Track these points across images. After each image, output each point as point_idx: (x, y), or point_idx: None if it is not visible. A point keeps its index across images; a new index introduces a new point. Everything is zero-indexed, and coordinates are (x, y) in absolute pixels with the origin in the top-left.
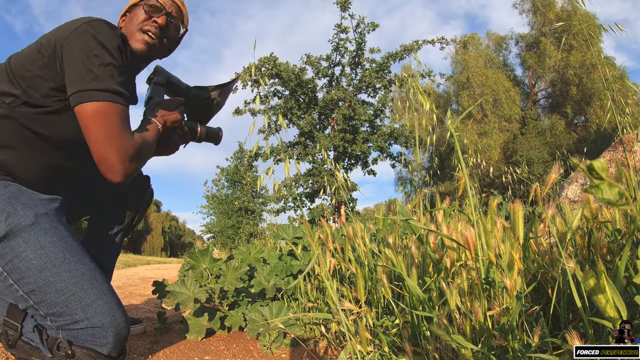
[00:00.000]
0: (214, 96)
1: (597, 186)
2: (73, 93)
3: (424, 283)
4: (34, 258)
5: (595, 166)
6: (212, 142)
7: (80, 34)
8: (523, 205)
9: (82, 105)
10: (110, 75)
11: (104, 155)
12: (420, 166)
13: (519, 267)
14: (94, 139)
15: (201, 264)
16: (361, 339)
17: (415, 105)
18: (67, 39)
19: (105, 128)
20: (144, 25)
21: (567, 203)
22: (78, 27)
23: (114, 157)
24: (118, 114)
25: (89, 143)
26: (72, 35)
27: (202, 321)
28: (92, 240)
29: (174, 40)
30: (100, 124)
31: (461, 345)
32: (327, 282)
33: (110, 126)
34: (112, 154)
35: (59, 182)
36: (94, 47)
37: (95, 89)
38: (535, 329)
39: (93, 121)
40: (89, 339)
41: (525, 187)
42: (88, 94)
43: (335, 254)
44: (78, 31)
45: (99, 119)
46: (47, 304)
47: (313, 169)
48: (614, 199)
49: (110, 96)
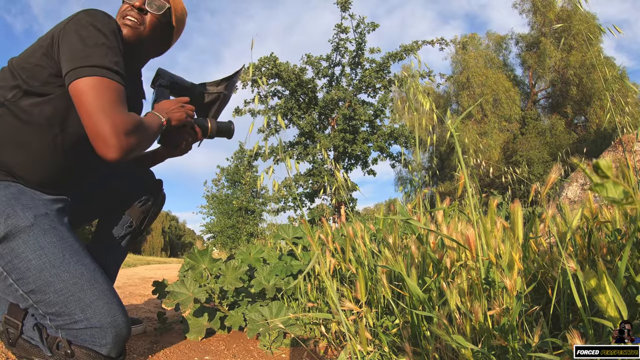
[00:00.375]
0: (220, 90)
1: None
2: (67, 73)
3: (424, 283)
4: (33, 258)
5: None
6: (225, 136)
7: (76, 21)
8: (523, 206)
9: (75, 82)
10: (104, 54)
11: (96, 128)
12: (420, 166)
13: (519, 267)
14: (86, 112)
15: (200, 264)
16: (361, 339)
17: (415, 105)
18: (64, 27)
19: (98, 101)
20: (124, 12)
21: (567, 203)
22: (75, 16)
23: (107, 129)
24: (113, 89)
25: (82, 120)
26: (68, 23)
27: (202, 321)
28: (99, 242)
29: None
30: (93, 97)
31: (461, 345)
32: (327, 282)
33: (104, 99)
34: (105, 126)
35: (65, 182)
36: (88, 30)
37: (88, 65)
38: (535, 329)
39: (86, 95)
40: (88, 339)
41: (525, 187)
42: (81, 70)
43: (336, 254)
44: (74, 19)
45: (92, 93)
46: (46, 303)
47: (313, 169)
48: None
49: (105, 72)
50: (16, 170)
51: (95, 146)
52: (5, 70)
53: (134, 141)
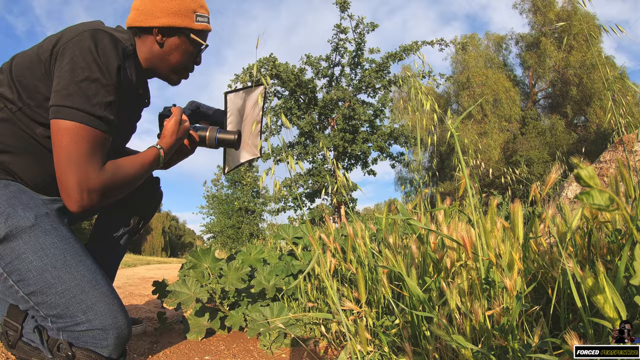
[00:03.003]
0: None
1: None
2: (51, 105)
3: (424, 283)
4: (35, 259)
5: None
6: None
7: (77, 43)
8: (523, 206)
9: (55, 121)
10: (93, 94)
11: (63, 179)
12: (420, 166)
13: (519, 267)
14: (57, 158)
15: (203, 264)
16: (361, 339)
17: (416, 104)
18: (65, 45)
19: (70, 151)
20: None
21: (567, 203)
22: (78, 35)
23: (73, 183)
24: (89, 140)
25: (54, 161)
26: (70, 42)
27: (202, 321)
28: (97, 242)
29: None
30: (67, 145)
31: (461, 345)
32: (328, 282)
33: (77, 151)
34: (71, 180)
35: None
36: (84, 59)
37: (71, 106)
38: (535, 329)
39: (61, 140)
40: (90, 340)
41: (525, 187)
42: (63, 110)
43: (336, 254)
44: (76, 39)
45: (66, 140)
46: (47, 305)
47: (313, 169)
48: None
49: (86, 117)
50: (15, 170)
51: (61, 194)
52: (6, 69)
53: (102, 198)
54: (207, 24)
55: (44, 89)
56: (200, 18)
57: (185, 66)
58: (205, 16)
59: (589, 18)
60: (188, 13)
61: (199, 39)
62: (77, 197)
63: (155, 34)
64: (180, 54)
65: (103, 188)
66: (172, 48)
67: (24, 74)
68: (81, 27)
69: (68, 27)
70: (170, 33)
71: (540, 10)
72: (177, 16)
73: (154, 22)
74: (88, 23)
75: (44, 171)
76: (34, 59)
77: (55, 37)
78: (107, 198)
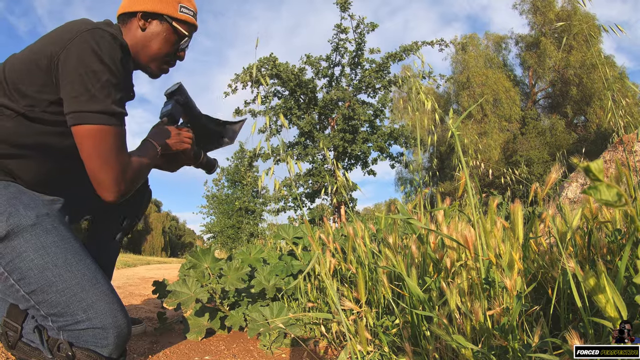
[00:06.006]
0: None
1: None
2: (69, 112)
3: (424, 283)
4: (36, 258)
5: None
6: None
7: (79, 45)
8: (523, 206)
9: (78, 127)
10: (107, 95)
11: (99, 176)
12: (420, 166)
13: (519, 267)
14: (89, 160)
15: (203, 264)
16: (361, 339)
17: (416, 104)
18: (66, 49)
19: (100, 150)
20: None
21: (567, 203)
22: (77, 37)
23: (110, 179)
24: (114, 136)
25: (85, 162)
26: (70, 45)
27: (202, 321)
28: (92, 241)
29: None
30: (96, 146)
31: (461, 345)
32: (328, 281)
33: (105, 149)
34: (107, 175)
35: (59, 186)
36: (92, 62)
37: (91, 110)
38: (535, 329)
39: (88, 143)
40: (90, 340)
41: (525, 188)
42: (84, 116)
43: (336, 254)
44: (77, 42)
45: (94, 141)
46: (48, 304)
47: (313, 169)
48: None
49: (106, 118)
50: (15, 171)
51: (97, 189)
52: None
53: (132, 186)
54: (192, 18)
55: (48, 95)
56: (185, 10)
57: (166, 57)
58: (190, 9)
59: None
60: (172, 2)
61: (181, 28)
62: (115, 189)
63: (138, 19)
64: (160, 42)
65: (133, 176)
66: (153, 34)
67: (22, 81)
68: (76, 28)
69: (59, 28)
70: (152, 18)
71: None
72: (160, 3)
73: (138, 7)
74: (79, 22)
75: (44, 172)
76: (31, 67)
77: (49, 41)
78: (136, 186)
